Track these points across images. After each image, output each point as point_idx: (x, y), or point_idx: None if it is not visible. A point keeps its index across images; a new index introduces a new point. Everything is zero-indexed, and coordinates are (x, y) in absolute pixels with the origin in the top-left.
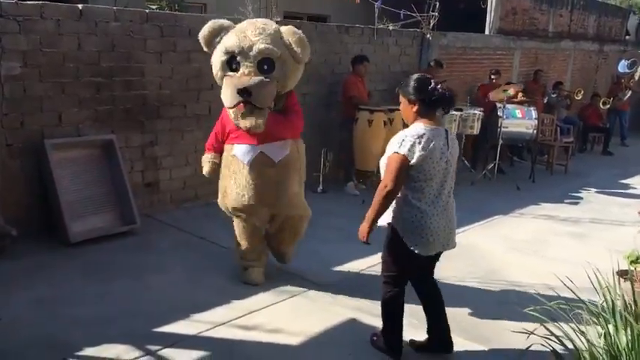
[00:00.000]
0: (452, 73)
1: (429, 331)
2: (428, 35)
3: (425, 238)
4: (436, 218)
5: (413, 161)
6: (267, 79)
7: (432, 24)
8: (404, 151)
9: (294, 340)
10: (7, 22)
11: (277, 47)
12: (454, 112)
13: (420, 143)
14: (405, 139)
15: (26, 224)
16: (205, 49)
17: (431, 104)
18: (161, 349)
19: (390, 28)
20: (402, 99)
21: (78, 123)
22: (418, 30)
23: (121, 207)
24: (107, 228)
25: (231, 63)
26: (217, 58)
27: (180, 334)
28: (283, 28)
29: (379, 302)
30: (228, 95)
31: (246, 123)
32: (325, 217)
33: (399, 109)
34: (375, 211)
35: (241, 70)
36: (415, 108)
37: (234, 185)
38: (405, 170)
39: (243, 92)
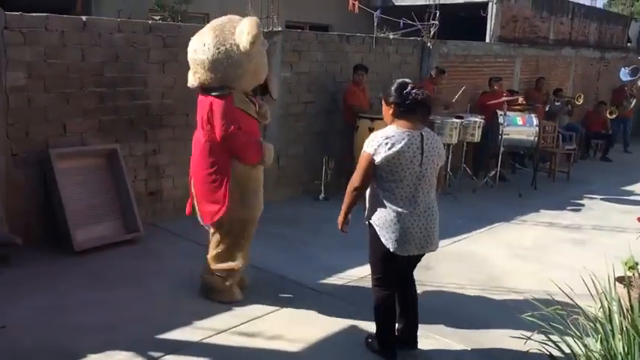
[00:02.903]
0: (452, 80)
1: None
2: (428, 43)
3: (399, 237)
4: (411, 219)
5: (377, 161)
6: None
7: (432, 32)
8: (370, 150)
9: (294, 347)
10: (12, 33)
11: None
12: (455, 120)
13: (386, 144)
14: (374, 140)
15: (31, 233)
16: (253, 48)
17: (405, 108)
18: (163, 356)
19: (391, 36)
20: (383, 102)
21: (82, 132)
22: (418, 38)
23: (125, 215)
24: (111, 236)
25: None
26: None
27: (183, 341)
28: None
29: None
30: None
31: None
32: (326, 224)
33: None
34: (346, 204)
35: None
36: (391, 110)
37: (254, 192)
38: (371, 169)
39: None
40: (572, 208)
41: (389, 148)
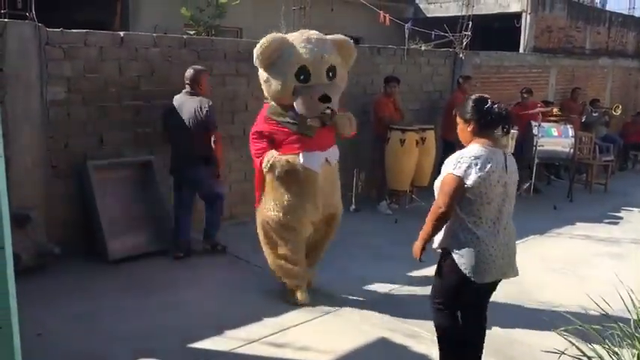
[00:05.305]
0: (485, 91)
1: None
2: (460, 54)
3: (481, 264)
4: (493, 244)
5: (469, 183)
6: (338, 85)
7: (464, 43)
8: (459, 172)
9: (323, 359)
10: (53, 49)
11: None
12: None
13: (476, 165)
14: (462, 160)
15: (68, 242)
16: (262, 64)
17: (487, 124)
18: None
19: (422, 48)
20: (458, 120)
21: (119, 145)
22: (450, 49)
23: (159, 225)
24: (145, 246)
25: (300, 74)
26: (286, 70)
27: (214, 350)
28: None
29: (410, 321)
30: (309, 104)
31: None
32: (357, 235)
33: (431, 129)
34: (427, 231)
35: (312, 80)
36: (470, 128)
37: (307, 197)
38: (460, 192)
39: (326, 99)
40: (609, 221)
41: (479, 169)
